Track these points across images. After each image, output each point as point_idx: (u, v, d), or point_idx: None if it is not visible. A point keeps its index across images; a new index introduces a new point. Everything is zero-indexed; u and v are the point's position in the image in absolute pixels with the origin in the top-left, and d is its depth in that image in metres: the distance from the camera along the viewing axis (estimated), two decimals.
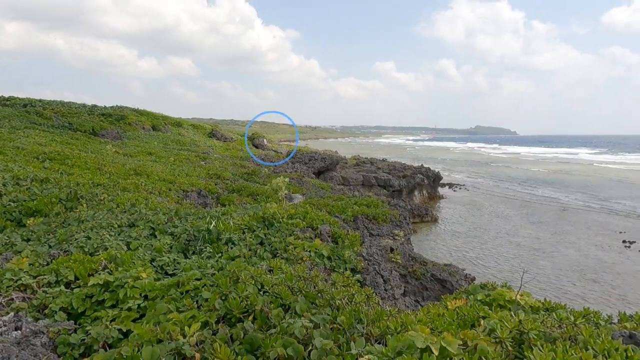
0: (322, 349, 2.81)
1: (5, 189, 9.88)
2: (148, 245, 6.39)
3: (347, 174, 48.45)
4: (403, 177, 48.30)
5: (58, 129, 29.53)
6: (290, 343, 2.85)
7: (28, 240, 7.12)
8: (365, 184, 44.90)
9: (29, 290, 4.78)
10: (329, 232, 7.96)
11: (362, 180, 45.67)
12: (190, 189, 15.06)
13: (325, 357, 2.79)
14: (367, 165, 56.29)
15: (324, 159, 54.35)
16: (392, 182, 45.14)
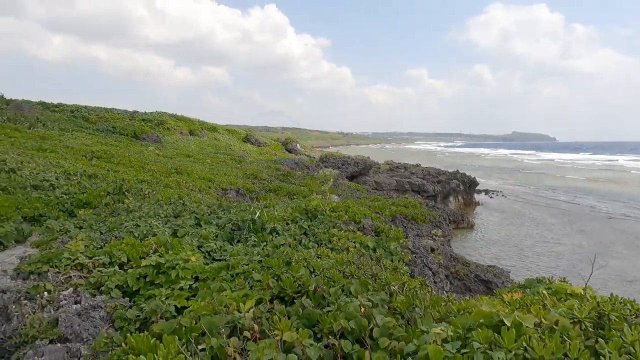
0: (384, 326, 2.69)
1: (58, 183, 10.31)
2: (194, 233, 6.46)
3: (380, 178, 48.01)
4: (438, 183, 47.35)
5: (102, 132, 30.79)
6: (353, 316, 2.75)
7: (80, 227, 7.36)
8: (398, 189, 44.31)
9: (85, 269, 4.91)
10: (372, 226, 7.82)
11: (396, 185, 45.10)
12: (229, 187, 15.26)
13: (388, 333, 2.66)
14: (400, 170, 55.64)
15: (357, 163, 54.10)
16: (427, 188, 44.33)
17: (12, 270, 4.96)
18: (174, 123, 51.33)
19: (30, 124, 22.14)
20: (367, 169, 54.68)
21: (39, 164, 11.70)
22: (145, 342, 2.83)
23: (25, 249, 6.36)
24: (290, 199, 16.32)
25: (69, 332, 3.33)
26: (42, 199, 9.11)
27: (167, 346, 2.71)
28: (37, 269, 4.67)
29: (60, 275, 4.65)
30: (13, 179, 9.84)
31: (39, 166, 11.42)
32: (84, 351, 3.13)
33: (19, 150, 13.81)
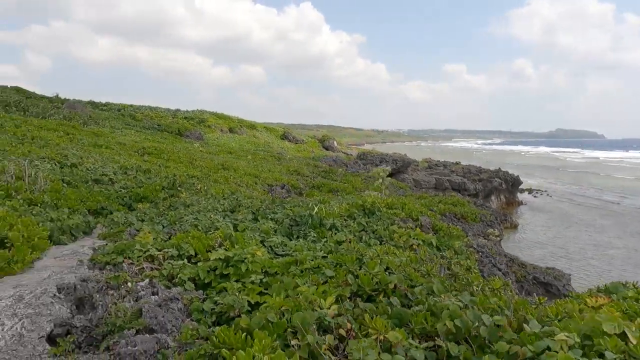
0: (491, 326, 2.51)
1: (116, 177, 10.67)
2: (254, 228, 6.45)
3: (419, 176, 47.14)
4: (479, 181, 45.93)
5: (149, 129, 31.83)
6: (457, 316, 2.58)
7: (142, 220, 7.54)
8: (438, 187, 43.32)
9: (156, 261, 4.97)
10: (430, 224, 7.57)
11: (435, 183, 44.12)
12: (275, 183, 15.35)
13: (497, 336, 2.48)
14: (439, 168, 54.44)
15: (395, 160, 53.33)
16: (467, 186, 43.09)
17: (87, 261, 5.10)
18: (215, 121, 52.46)
19: (84, 122, 23.17)
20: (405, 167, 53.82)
21: (97, 160, 12.16)
22: (237, 337, 2.78)
23: (93, 241, 6.57)
24: (334, 195, 16.23)
25: (153, 322, 3.35)
26: (103, 192, 9.44)
27: (260, 342, 2.65)
28: (112, 259, 4.78)
29: (133, 267, 4.73)
30: (76, 173, 10.25)
31: (97, 161, 11.87)
32: (170, 342, 3.13)
33: (77, 146, 14.44)
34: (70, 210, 7.57)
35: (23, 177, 7.87)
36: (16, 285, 3.90)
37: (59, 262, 5.13)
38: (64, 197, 7.93)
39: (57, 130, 16.85)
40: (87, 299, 3.76)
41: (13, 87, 30.42)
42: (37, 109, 22.26)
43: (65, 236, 6.18)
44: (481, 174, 48.85)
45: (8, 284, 4.06)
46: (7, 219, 5.36)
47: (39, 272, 4.58)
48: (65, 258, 5.31)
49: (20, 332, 3.03)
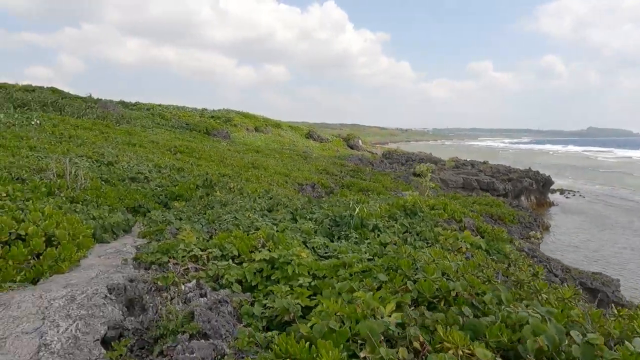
0: (585, 343, 2.26)
1: (151, 175, 10.74)
2: (294, 228, 6.31)
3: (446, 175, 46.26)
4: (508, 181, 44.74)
5: (178, 128, 32.27)
6: (541, 330, 2.34)
7: (180, 219, 7.51)
8: (465, 186, 42.39)
9: (200, 261, 4.88)
10: (473, 225, 7.26)
11: (462, 182, 43.19)
12: (305, 182, 15.22)
13: (591, 352, 2.23)
14: (467, 167, 53.33)
15: (421, 160, 52.57)
16: (496, 186, 42.00)
17: (131, 260, 5.06)
18: (240, 120, 52.85)
19: (117, 121, 23.65)
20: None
21: (132, 158, 12.30)
22: (299, 346, 2.61)
23: (134, 239, 6.56)
24: (364, 195, 15.97)
25: (207, 327, 3.23)
26: (140, 190, 9.50)
27: (327, 353, 2.47)
28: (157, 259, 4.71)
29: (179, 267, 4.65)
30: (112, 171, 10.36)
31: (132, 160, 12.00)
32: (226, 349, 3.00)
33: (112, 144, 14.68)
34: (110, 208, 7.61)
35: (64, 175, 7.97)
36: (66, 285, 3.86)
37: (104, 260, 5.10)
38: (104, 195, 7.99)
39: (92, 129, 17.21)
40: (137, 300, 3.68)
41: (49, 87, 31.39)
42: (72, 108, 22.85)
43: (107, 234, 6.18)
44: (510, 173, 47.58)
45: (58, 283, 4.03)
46: (53, 217, 5.38)
47: (86, 271, 4.54)
48: (110, 256, 5.28)
49: (75, 334, 2.95)
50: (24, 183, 7.08)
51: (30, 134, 12.83)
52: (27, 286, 4.03)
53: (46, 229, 4.97)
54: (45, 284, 4.06)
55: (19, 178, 7.25)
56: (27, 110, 19.28)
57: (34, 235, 4.79)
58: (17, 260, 4.49)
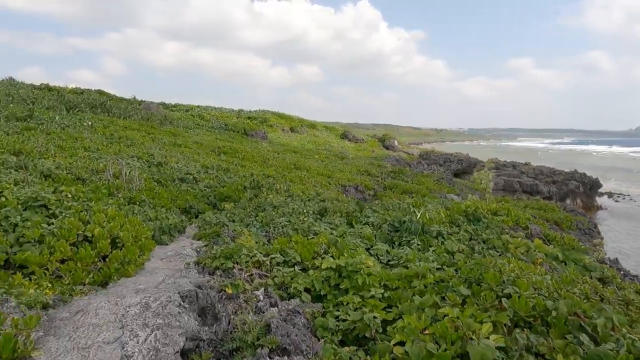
0: None
1: (199, 176, 10.81)
2: (353, 234, 6.07)
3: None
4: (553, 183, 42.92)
5: (217, 129, 32.78)
6: None
7: (233, 221, 7.44)
8: (507, 189, 40.94)
9: (264, 267, 4.73)
10: (541, 233, 6.79)
11: (504, 184, 41.75)
12: (348, 184, 14.98)
13: None
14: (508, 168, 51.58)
15: (460, 161, 51.15)
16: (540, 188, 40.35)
17: (193, 263, 4.98)
18: (276, 120, 53.20)
19: (160, 122, 24.23)
20: (470, 167, 51.45)
21: (179, 159, 12.45)
22: None
23: (190, 241, 6.52)
24: (409, 197, 15.55)
25: (287, 341, 3.04)
26: (190, 191, 9.54)
27: None
28: (221, 264, 4.59)
29: (243, 273, 4.52)
30: (163, 172, 10.49)
31: (180, 161, 12.14)
32: None
33: (159, 145, 14.97)
34: (165, 209, 7.64)
35: (120, 175, 8.09)
36: (137, 290, 3.78)
37: (167, 264, 5.05)
38: (158, 196, 8.05)
39: (140, 130, 17.65)
40: (209, 308, 3.55)
41: (96, 90, 32.63)
42: (118, 110, 23.59)
43: (165, 236, 6.17)
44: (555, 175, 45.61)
45: (128, 287, 3.97)
46: (116, 219, 5.39)
47: (152, 275, 4.49)
48: (172, 259, 5.23)
49: (155, 345, 2.84)
50: (84, 183, 7.22)
51: (83, 134, 13.25)
52: (98, 290, 4.00)
53: (111, 231, 4.98)
54: (116, 287, 4.01)
55: (79, 178, 7.40)
56: (78, 112, 20.04)
57: (100, 237, 4.79)
58: (85, 262, 4.50)
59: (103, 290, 4.01)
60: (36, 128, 12.87)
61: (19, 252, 4.19)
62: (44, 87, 27.02)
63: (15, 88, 23.53)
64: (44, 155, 8.60)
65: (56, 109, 19.26)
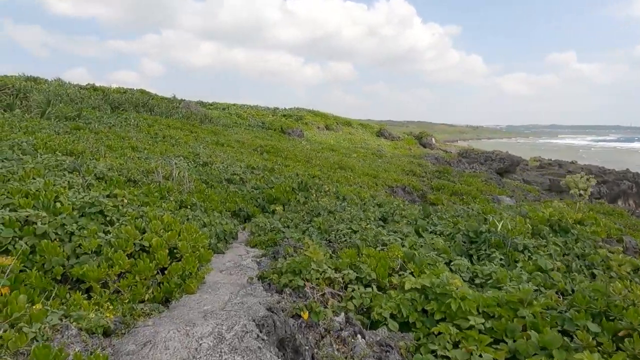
0: None
1: (246, 177, 10.47)
2: (426, 245, 5.47)
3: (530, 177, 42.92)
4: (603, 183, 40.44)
5: (255, 127, 32.74)
6: None
7: (287, 227, 6.99)
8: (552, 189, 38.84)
9: (336, 285, 4.22)
10: (636, 246, 5.95)
11: (549, 184, 39.66)
12: (395, 185, 14.32)
13: None
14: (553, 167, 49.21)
15: (502, 159, 49.14)
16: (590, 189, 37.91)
17: (256, 278, 4.53)
18: (311, 118, 52.84)
19: (201, 120, 24.29)
20: (513, 166, 49.32)
21: (224, 158, 12.18)
22: None
23: (245, 248, 6.12)
24: (459, 199, 14.72)
25: None
26: (238, 193, 9.20)
27: None
28: (290, 281, 4.11)
29: (315, 292, 4.02)
30: (210, 172, 10.21)
31: (225, 160, 11.86)
32: None
33: (202, 144, 14.82)
34: (216, 212, 7.29)
35: (171, 176, 7.83)
36: (205, 314, 3.36)
37: (227, 277, 4.64)
38: (208, 199, 7.72)
39: (182, 129, 17.64)
40: (289, 340, 3.07)
41: (138, 89, 33.28)
42: (160, 109, 23.82)
43: (221, 243, 5.78)
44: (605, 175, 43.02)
45: (193, 308, 3.55)
46: (173, 226, 5.03)
47: (216, 292, 4.07)
48: (232, 271, 4.82)
49: None
50: (136, 185, 6.96)
51: (129, 134, 13.23)
52: (160, 309, 3.61)
53: (169, 240, 4.61)
54: (180, 308, 3.60)
55: (131, 180, 7.17)
56: (122, 111, 20.31)
57: (158, 247, 4.43)
58: (144, 276, 4.14)
59: (166, 310, 3.62)
60: (85, 127, 12.95)
61: (76, 265, 3.87)
62: (90, 87, 27.71)
63: (63, 88, 24.19)
64: (96, 156, 8.47)
65: (102, 109, 19.56)
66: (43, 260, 3.77)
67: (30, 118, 13.35)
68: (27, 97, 16.82)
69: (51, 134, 10.55)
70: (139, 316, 3.38)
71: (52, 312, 3.01)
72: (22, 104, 15.55)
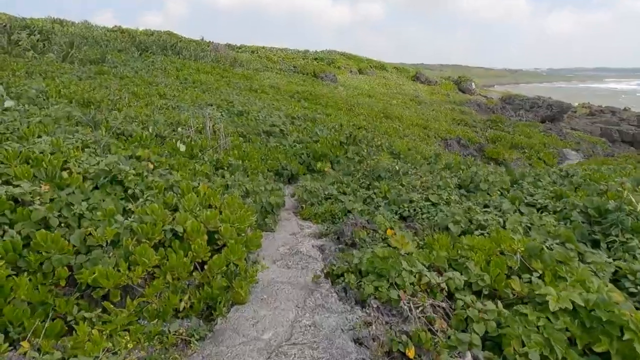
0: None
1: (286, 128, 9.22)
2: (536, 228, 4.18)
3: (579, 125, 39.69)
4: None
5: (286, 71, 30.93)
6: None
7: (344, 193, 5.80)
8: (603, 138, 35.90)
9: (438, 294, 3.04)
10: None
11: (600, 133, 36.57)
12: (448, 137, 12.78)
13: None
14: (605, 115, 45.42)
15: (550, 106, 45.64)
16: None
17: (324, 277, 3.41)
18: (344, 62, 50.03)
19: (230, 64, 22.81)
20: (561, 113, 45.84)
21: (260, 106, 10.91)
22: None
23: (298, 222, 5.01)
24: (521, 154, 13.07)
25: None
26: (279, 148, 8.02)
27: None
28: (375, 289, 2.96)
29: (414, 308, 2.86)
30: (246, 123, 9.02)
31: (261, 109, 10.59)
32: None
33: (235, 90, 13.52)
34: (256, 172, 6.16)
35: (204, 129, 6.68)
36: (265, 351, 2.26)
37: (284, 272, 3.53)
38: (248, 157, 6.58)
39: (212, 73, 16.31)
40: None
41: (165, 31, 31.68)
42: (188, 52, 22.40)
43: (269, 217, 4.68)
44: None
45: (248, 337, 2.47)
46: (211, 200, 3.91)
47: (274, 303, 2.97)
48: (289, 262, 3.71)
49: None
50: (164, 142, 5.85)
51: (157, 79, 12.06)
52: (202, 334, 2.56)
53: (208, 222, 3.50)
54: (229, 336, 2.52)
55: (158, 135, 6.06)
56: (150, 54, 19.03)
57: (194, 233, 3.33)
58: (178, 274, 3.10)
59: (209, 335, 2.56)
60: (109, 72, 11.84)
61: (85, 264, 2.82)
62: (117, 29, 26.35)
63: (89, 30, 22.95)
64: (117, 106, 7.36)
65: (128, 52, 18.34)
66: (40, 258, 2.76)
67: (52, 61, 12.30)
68: (50, 39, 15.73)
69: (72, 79, 9.48)
70: (173, 352, 2.33)
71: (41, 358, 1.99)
72: (44, 47, 14.48)
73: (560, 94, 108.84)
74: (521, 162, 11.80)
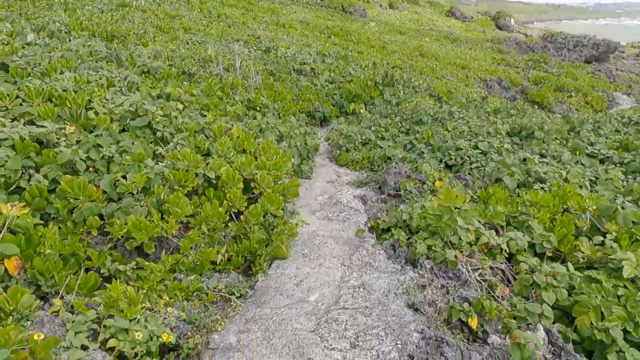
0: None
1: (317, 67, 8.67)
2: (600, 181, 3.75)
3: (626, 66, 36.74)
4: None
5: (312, 5, 29.22)
6: None
7: (382, 138, 5.42)
8: None
9: (498, 255, 2.75)
10: None
11: None
12: (489, 78, 11.90)
13: None
14: None
15: (596, 45, 42.12)
16: None
17: (367, 230, 3.15)
18: None
19: None
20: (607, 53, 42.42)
21: (289, 43, 10.27)
22: None
23: (335, 169, 4.71)
24: (568, 97, 12.12)
25: None
26: (310, 88, 7.57)
27: None
28: (428, 248, 2.69)
29: (469, 268, 2.59)
30: (275, 61, 8.52)
31: (290, 45, 9.97)
32: None
33: (262, 25, 12.77)
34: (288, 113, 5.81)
35: (233, 67, 6.27)
36: (314, 315, 2.06)
37: (326, 224, 3.29)
38: (279, 97, 6.19)
39: (237, 7, 15.42)
40: None
41: None
42: None
43: (305, 163, 4.39)
44: None
45: (293, 298, 2.27)
46: (246, 144, 3.62)
47: (317, 259, 2.75)
48: (329, 213, 3.46)
49: None
50: (191, 80, 5.51)
51: (181, 12, 11.42)
52: (242, 291, 2.38)
53: (243, 168, 3.24)
54: (272, 296, 2.33)
55: (185, 72, 5.70)
56: None
57: (229, 181, 3.09)
58: (213, 225, 2.90)
59: (250, 293, 2.38)
60: (131, 4, 11.25)
61: (116, 214, 2.63)
62: None
63: None
64: (142, 40, 6.95)
65: None
66: (68, 205, 2.57)
67: None
68: None
69: (93, 12, 9.03)
70: (212, 315, 2.16)
71: (75, 320, 1.84)
72: None
73: (605, 31, 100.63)
74: (566, 107, 10.95)
